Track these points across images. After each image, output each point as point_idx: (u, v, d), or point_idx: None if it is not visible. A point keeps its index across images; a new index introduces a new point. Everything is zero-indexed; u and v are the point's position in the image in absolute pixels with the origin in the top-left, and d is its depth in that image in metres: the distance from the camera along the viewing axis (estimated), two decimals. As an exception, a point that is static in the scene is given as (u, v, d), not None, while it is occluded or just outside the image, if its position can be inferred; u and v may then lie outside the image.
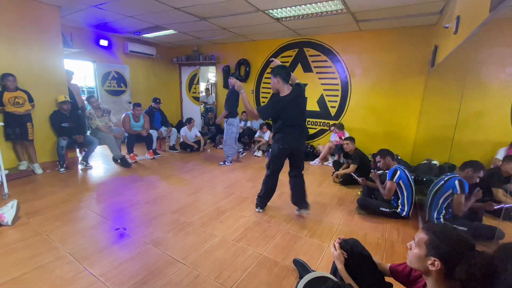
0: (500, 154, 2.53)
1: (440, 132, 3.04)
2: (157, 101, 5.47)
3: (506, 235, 1.71)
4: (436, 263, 0.97)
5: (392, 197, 2.85)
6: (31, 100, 3.72)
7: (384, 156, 2.97)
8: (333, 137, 5.13)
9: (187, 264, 1.95)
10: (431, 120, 3.74)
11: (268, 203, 2.98)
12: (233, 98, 4.43)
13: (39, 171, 3.90)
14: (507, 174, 2.19)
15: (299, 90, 2.68)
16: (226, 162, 4.73)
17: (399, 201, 2.78)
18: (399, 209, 2.76)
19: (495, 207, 1.96)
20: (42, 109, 3.99)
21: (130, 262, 1.96)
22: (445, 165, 2.59)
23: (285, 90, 2.62)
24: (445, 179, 2.28)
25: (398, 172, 2.76)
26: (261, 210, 2.89)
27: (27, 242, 2.16)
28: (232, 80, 4.40)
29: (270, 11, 3.95)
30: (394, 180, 2.75)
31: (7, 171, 3.53)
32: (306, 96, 2.91)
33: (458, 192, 2.11)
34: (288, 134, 2.65)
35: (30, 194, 3.15)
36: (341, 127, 5.03)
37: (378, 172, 3.63)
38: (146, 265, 1.92)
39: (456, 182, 2.13)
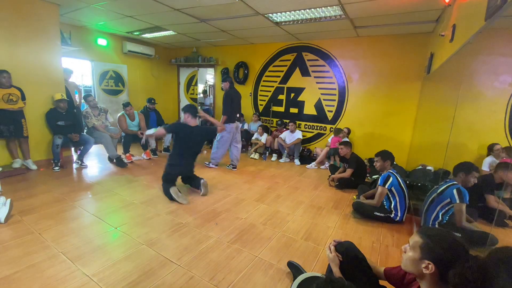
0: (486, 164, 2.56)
1: (435, 138, 3.08)
2: (152, 101, 5.44)
3: (499, 241, 1.74)
4: (430, 266, 0.98)
5: (383, 201, 2.86)
6: (23, 97, 3.68)
7: (385, 159, 2.95)
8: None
9: (181, 265, 1.94)
10: (426, 125, 3.79)
11: (264, 205, 2.97)
12: (227, 101, 4.34)
13: (33, 166, 3.86)
14: (500, 180, 2.22)
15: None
16: (210, 164, 4.68)
17: (392, 206, 2.79)
18: (392, 214, 2.77)
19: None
20: (38, 106, 3.96)
21: (124, 262, 1.94)
22: (439, 171, 2.62)
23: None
24: (441, 188, 2.26)
25: (391, 179, 2.77)
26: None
27: (20, 241, 2.13)
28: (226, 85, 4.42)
29: (270, 15, 3.98)
30: (386, 186, 2.76)
31: (0, 169, 3.50)
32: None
33: (457, 202, 2.09)
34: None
35: (24, 192, 3.11)
36: (338, 132, 5.01)
37: (373, 176, 3.63)
38: (140, 265, 1.91)
39: (455, 191, 2.11)
